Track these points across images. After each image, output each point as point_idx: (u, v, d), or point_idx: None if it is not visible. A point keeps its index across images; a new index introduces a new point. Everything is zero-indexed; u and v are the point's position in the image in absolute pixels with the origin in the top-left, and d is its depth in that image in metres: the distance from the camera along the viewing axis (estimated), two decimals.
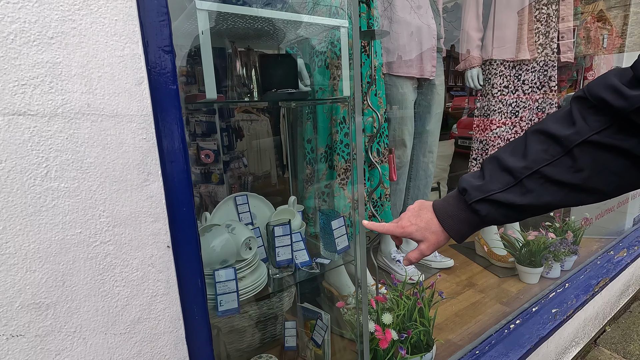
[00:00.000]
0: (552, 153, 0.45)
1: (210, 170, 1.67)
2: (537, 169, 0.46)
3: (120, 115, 0.49)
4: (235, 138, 1.91)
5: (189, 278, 0.59)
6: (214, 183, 1.68)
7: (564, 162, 0.44)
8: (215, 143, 1.67)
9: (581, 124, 0.43)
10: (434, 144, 1.85)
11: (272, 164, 2.11)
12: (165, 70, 0.52)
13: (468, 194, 0.51)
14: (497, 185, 0.49)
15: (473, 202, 0.50)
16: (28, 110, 0.43)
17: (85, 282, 0.49)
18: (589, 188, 0.45)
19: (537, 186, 0.46)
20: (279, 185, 2.09)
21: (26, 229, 0.44)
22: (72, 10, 0.44)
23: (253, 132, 2.01)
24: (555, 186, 0.45)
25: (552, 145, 0.45)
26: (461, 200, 0.53)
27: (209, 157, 1.65)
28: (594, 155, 0.43)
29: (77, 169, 0.47)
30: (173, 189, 0.55)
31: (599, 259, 1.87)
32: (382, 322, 1.14)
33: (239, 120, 1.95)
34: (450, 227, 0.54)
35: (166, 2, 0.51)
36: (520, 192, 0.47)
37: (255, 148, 2.02)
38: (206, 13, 0.69)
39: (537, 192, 0.46)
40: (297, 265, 0.99)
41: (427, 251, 0.56)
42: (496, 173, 0.49)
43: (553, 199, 0.46)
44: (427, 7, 1.61)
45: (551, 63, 1.78)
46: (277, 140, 2.08)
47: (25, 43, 0.42)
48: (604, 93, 0.41)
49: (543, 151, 0.46)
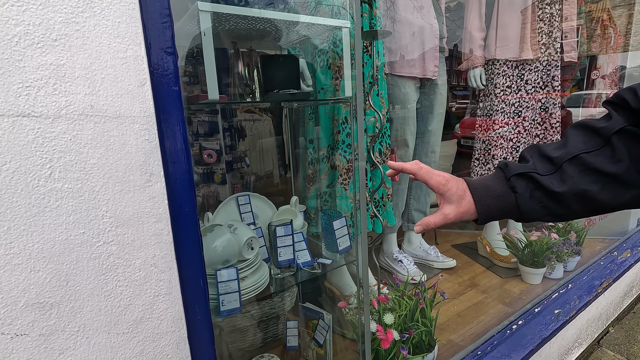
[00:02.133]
0: (592, 144, 0.46)
1: (213, 170, 1.68)
2: (577, 154, 0.46)
3: (123, 116, 0.49)
4: (238, 138, 1.92)
5: (191, 278, 0.59)
6: (217, 183, 1.68)
7: (604, 152, 0.45)
8: (217, 143, 1.67)
9: (616, 116, 0.45)
10: (437, 144, 1.85)
11: (275, 163, 2.12)
12: (168, 71, 0.53)
13: (508, 169, 0.50)
14: (539, 168, 0.48)
15: (512, 176, 0.49)
16: (32, 111, 0.43)
17: (89, 282, 0.50)
18: (629, 181, 0.44)
19: (576, 173, 0.46)
20: (281, 185, 2.09)
21: (30, 229, 0.45)
22: (76, 12, 0.45)
23: (255, 132, 2.01)
24: (594, 175, 0.45)
25: (592, 137, 0.46)
26: (499, 175, 0.51)
27: (212, 157, 1.66)
28: (630, 145, 0.44)
29: (80, 170, 0.47)
30: (175, 190, 0.56)
31: (602, 260, 1.87)
32: (384, 322, 1.14)
33: (242, 120, 1.96)
34: (479, 197, 0.51)
35: (168, 4, 0.52)
36: (559, 178, 0.47)
37: (258, 148, 2.02)
38: (208, 14, 0.69)
39: (576, 179, 0.45)
40: (299, 265, 0.99)
41: (451, 216, 0.52)
42: (537, 159, 0.49)
43: (591, 188, 0.45)
44: (429, 7, 1.61)
45: (554, 63, 1.77)
46: (279, 140, 2.08)
47: (30, 45, 0.42)
48: (626, 95, 0.45)
49: (583, 142, 0.47)
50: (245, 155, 1.92)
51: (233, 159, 1.84)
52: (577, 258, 1.80)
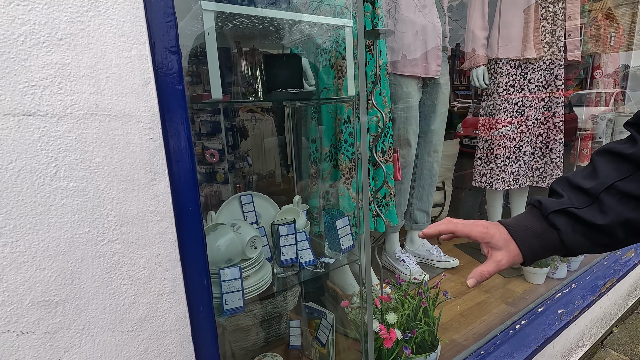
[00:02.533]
0: (624, 170, 0.45)
1: (215, 169, 1.68)
2: (612, 183, 0.45)
3: (128, 115, 0.49)
4: (240, 137, 1.92)
5: (195, 277, 0.59)
6: (219, 182, 1.69)
7: (637, 177, 0.44)
8: (220, 142, 1.68)
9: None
10: (439, 143, 1.85)
11: (277, 163, 2.12)
12: (172, 70, 0.53)
13: (544, 207, 0.48)
14: (575, 202, 0.46)
15: (550, 214, 0.47)
16: (38, 110, 0.43)
17: (93, 280, 0.50)
18: None
19: (615, 201, 0.44)
20: (283, 184, 2.09)
21: (36, 227, 0.45)
22: (81, 11, 0.45)
23: (257, 132, 2.02)
24: (634, 201, 0.44)
25: (622, 164, 0.45)
26: (536, 214, 0.50)
27: (214, 156, 1.66)
28: None
29: (85, 169, 0.47)
30: (179, 189, 0.56)
31: (606, 260, 1.86)
32: (387, 321, 1.14)
33: (244, 120, 1.96)
34: (522, 240, 0.49)
35: (172, 3, 0.52)
36: (599, 209, 0.45)
37: (260, 147, 2.03)
38: (212, 13, 0.69)
39: (616, 209, 0.44)
40: (302, 264, 0.99)
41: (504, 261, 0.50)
42: (570, 192, 0.47)
43: (634, 216, 0.44)
44: (432, 6, 1.60)
45: (557, 62, 1.77)
46: (281, 140, 2.09)
47: (35, 44, 0.42)
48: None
49: (614, 169, 0.45)
50: (248, 154, 1.93)
51: (235, 158, 1.85)
52: (580, 258, 1.79)
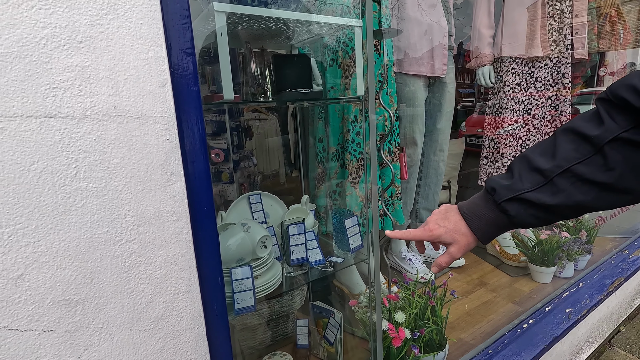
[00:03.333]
0: (583, 152, 0.45)
1: (220, 169, 1.69)
2: (568, 167, 0.45)
3: (145, 116, 0.50)
4: (245, 137, 1.93)
5: (209, 276, 0.60)
6: (224, 182, 1.70)
7: (595, 161, 0.44)
8: (225, 142, 1.68)
9: (609, 122, 0.43)
10: (445, 142, 1.85)
11: (281, 162, 2.13)
12: (188, 72, 0.53)
13: (497, 194, 0.50)
14: (527, 184, 0.48)
15: (503, 202, 0.49)
16: (59, 112, 0.44)
17: (112, 280, 0.50)
18: (621, 188, 0.44)
19: (568, 185, 0.45)
20: (287, 184, 2.10)
21: (57, 227, 0.46)
22: (100, 14, 0.45)
23: (262, 132, 2.02)
24: (587, 185, 0.45)
25: (582, 144, 0.45)
26: (489, 200, 0.52)
27: (219, 156, 1.67)
28: (625, 153, 0.42)
29: (104, 170, 0.48)
30: (195, 189, 0.56)
31: (613, 259, 1.85)
32: (395, 320, 1.14)
33: (248, 120, 1.97)
34: (477, 227, 0.52)
35: (188, 5, 0.52)
36: (551, 191, 0.46)
37: (264, 147, 2.04)
38: (224, 15, 0.70)
39: (568, 191, 0.45)
40: (311, 263, 0.99)
41: (457, 254, 0.54)
42: (526, 172, 0.48)
43: (584, 199, 0.45)
44: (437, 5, 1.60)
45: (564, 60, 1.76)
46: (285, 139, 2.09)
47: (56, 47, 0.43)
48: (625, 93, 0.42)
49: (573, 150, 0.45)
50: (252, 154, 1.94)
51: (240, 158, 1.86)
52: (587, 257, 1.79)
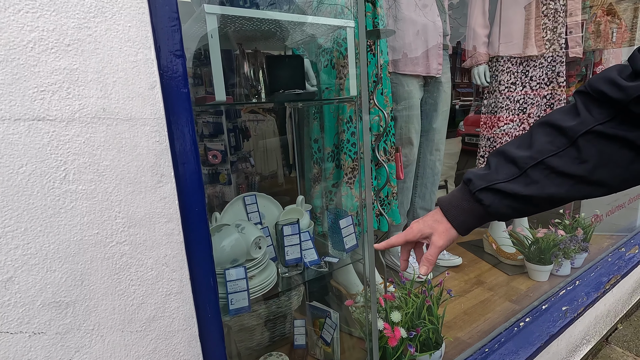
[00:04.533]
0: (558, 144, 0.45)
1: (218, 170, 1.69)
2: (542, 159, 0.46)
3: (135, 118, 0.50)
4: (242, 138, 1.93)
5: (201, 277, 0.60)
6: (222, 183, 1.70)
7: (569, 153, 0.44)
8: (222, 144, 1.68)
9: (585, 115, 0.44)
10: (441, 141, 1.85)
11: (279, 163, 2.13)
12: (177, 74, 0.54)
13: (472, 184, 0.51)
14: (501, 175, 0.48)
15: (477, 191, 0.50)
16: (47, 115, 0.44)
17: (103, 282, 0.51)
18: (594, 180, 0.44)
19: (542, 177, 0.46)
20: (286, 185, 2.10)
21: (46, 230, 0.46)
22: (88, 17, 0.45)
23: (260, 132, 2.03)
24: (560, 177, 0.45)
25: (557, 137, 0.45)
26: (465, 191, 0.52)
27: (217, 157, 1.67)
28: (599, 146, 0.43)
29: (93, 172, 0.48)
30: (185, 190, 0.57)
31: (610, 256, 1.85)
32: (391, 320, 1.14)
33: (246, 121, 1.97)
34: (453, 217, 0.53)
35: (177, 8, 0.52)
36: (524, 182, 0.46)
37: (262, 148, 2.04)
38: (215, 16, 0.70)
39: (542, 183, 0.45)
40: (306, 264, 1.00)
41: (439, 241, 0.54)
42: (501, 164, 0.49)
43: (557, 191, 0.45)
44: (432, 5, 1.61)
45: (559, 59, 1.76)
46: (283, 140, 2.10)
47: (44, 51, 0.43)
48: (603, 86, 0.42)
49: (548, 142, 0.46)
50: (250, 155, 1.94)
51: (238, 159, 1.86)
52: (584, 255, 1.79)
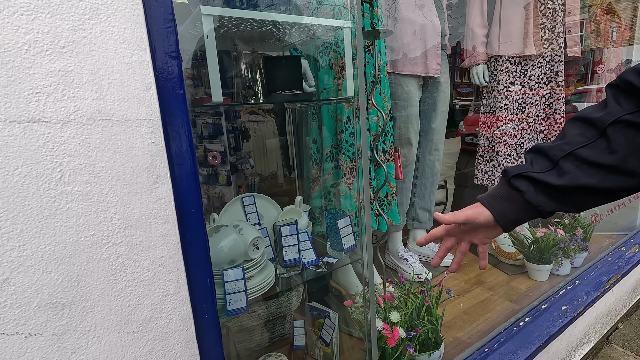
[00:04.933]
0: (588, 136, 0.46)
1: (218, 171, 1.70)
2: (572, 150, 0.46)
3: (130, 120, 0.50)
4: (242, 139, 1.93)
5: (198, 278, 0.60)
6: (221, 184, 1.70)
7: (598, 144, 0.45)
8: (222, 144, 1.69)
9: (614, 106, 0.45)
10: (440, 141, 1.85)
11: (279, 164, 2.13)
12: (173, 75, 0.54)
13: (507, 173, 0.52)
14: (536, 168, 0.50)
15: (512, 178, 0.51)
16: (42, 117, 0.44)
17: (99, 283, 0.51)
18: (626, 170, 0.44)
19: (573, 168, 0.46)
20: (285, 185, 2.10)
21: (42, 231, 0.46)
22: (83, 19, 0.46)
23: (259, 133, 2.03)
24: (592, 168, 0.45)
25: (587, 129, 0.46)
26: (503, 181, 0.54)
27: (216, 158, 1.67)
28: (627, 135, 0.43)
29: (89, 173, 0.48)
30: (182, 191, 0.57)
31: (610, 255, 1.85)
32: (390, 320, 1.14)
33: (246, 122, 1.97)
34: (491, 205, 0.53)
35: (172, 10, 0.53)
36: (557, 174, 0.47)
37: (262, 149, 2.04)
38: (211, 18, 0.70)
39: (573, 173, 0.46)
40: (304, 264, 1.00)
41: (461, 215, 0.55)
42: (536, 159, 0.50)
43: (590, 181, 0.45)
44: (431, 5, 1.61)
45: (558, 58, 1.76)
46: (283, 141, 2.10)
47: (39, 53, 0.43)
48: (631, 77, 0.44)
49: (578, 134, 0.47)
50: (250, 156, 1.94)
51: (237, 160, 1.86)
52: (584, 254, 1.79)
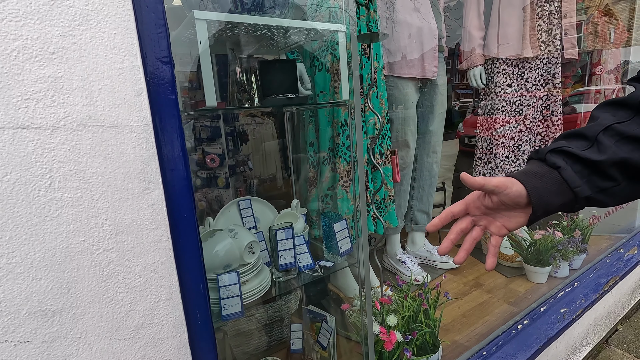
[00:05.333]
0: (622, 115, 0.45)
1: (216, 174, 1.69)
2: (610, 124, 0.45)
3: (121, 125, 0.50)
4: (240, 142, 1.93)
5: (191, 283, 0.60)
6: (220, 187, 1.70)
7: (635, 121, 0.44)
8: (220, 147, 1.69)
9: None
10: (438, 144, 1.85)
11: (277, 166, 2.13)
12: (164, 80, 0.54)
13: (540, 152, 0.49)
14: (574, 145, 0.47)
15: (547, 153, 0.48)
16: (32, 123, 0.44)
17: (90, 289, 0.50)
18: None
19: (613, 143, 0.44)
20: (284, 188, 2.10)
21: (31, 238, 0.46)
22: (72, 25, 0.46)
23: (258, 136, 2.02)
24: (632, 143, 0.44)
25: (620, 110, 0.46)
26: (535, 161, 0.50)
27: (215, 161, 1.67)
28: None
29: (79, 179, 0.48)
30: (174, 197, 0.56)
31: (608, 257, 1.85)
32: (387, 323, 1.14)
33: (244, 124, 1.97)
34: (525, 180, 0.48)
35: (164, 15, 0.53)
36: (597, 149, 0.45)
37: (261, 151, 2.04)
38: (205, 23, 0.70)
39: (613, 149, 0.44)
40: (300, 268, 0.99)
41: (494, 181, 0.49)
42: (572, 140, 0.47)
43: (631, 156, 0.43)
44: (428, 7, 1.61)
45: (554, 60, 1.76)
46: (282, 143, 2.09)
47: (28, 59, 0.43)
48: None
49: (611, 115, 0.46)
50: (248, 159, 1.94)
51: (236, 163, 1.86)
52: (582, 256, 1.78)
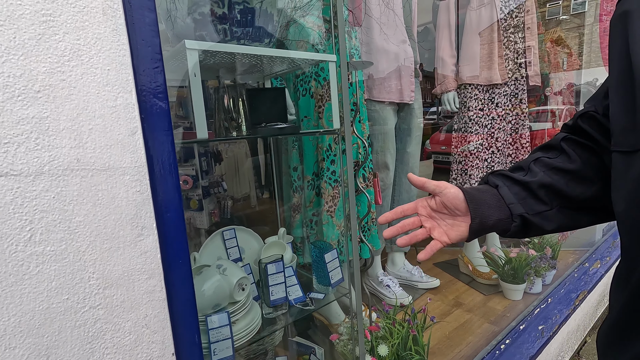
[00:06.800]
0: (550, 155, 0.55)
1: (189, 196, 1.62)
2: (539, 157, 0.55)
3: (113, 168, 0.46)
4: (214, 162, 1.87)
5: (185, 335, 0.55)
6: (193, 209, 1.62)
7: (561, 158, 0.54)
8: (193, 168, 1.62)
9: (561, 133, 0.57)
10: (415, 165, 1.89)
11: (251, 185, 2.08)
12: (160, 118, 0.50)
13: (485, 175, 0.60)
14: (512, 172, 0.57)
15: (489, 175, 0.58)
16: (10, 170, 0.39)
17: (73, 354, 0.44)
18: (587, 177, 0.52)
19: (542, 170, 0.54)
20: (259, 206, 2.05)
21: (6, 301, 0.40)
22: (62, 61, 0.41)
23: (231, 154, 1.98)
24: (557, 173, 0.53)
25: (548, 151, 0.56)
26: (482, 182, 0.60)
27: (187, 183, 1.60)
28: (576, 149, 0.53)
29: (64, 230, 0.43)
30: (169, 242, 0.52)
31: (575, 272, 1.95)
32: (378, 353, 1.11)
33: (217, 144, 1.92)
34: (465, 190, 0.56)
35: (160, 49, 0.49)
36: (529, 175, 0.55)
37: (234, 170, 1.98)
38: (196, 53, 0.67)
39: (541, 174, 0.53)
40: (291, 302, 0.95)
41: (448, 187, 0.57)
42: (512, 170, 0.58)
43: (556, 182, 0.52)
44: (404, 34, 1.67)
45: (521, 87, 1.88)
46: (255, 161, 2.06)
47: (9, 99, 0.38)
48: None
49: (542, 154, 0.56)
50: (222, 179, 1.88)
51: (210, 184, 1.79)
52: (553, 272, 1.87)
